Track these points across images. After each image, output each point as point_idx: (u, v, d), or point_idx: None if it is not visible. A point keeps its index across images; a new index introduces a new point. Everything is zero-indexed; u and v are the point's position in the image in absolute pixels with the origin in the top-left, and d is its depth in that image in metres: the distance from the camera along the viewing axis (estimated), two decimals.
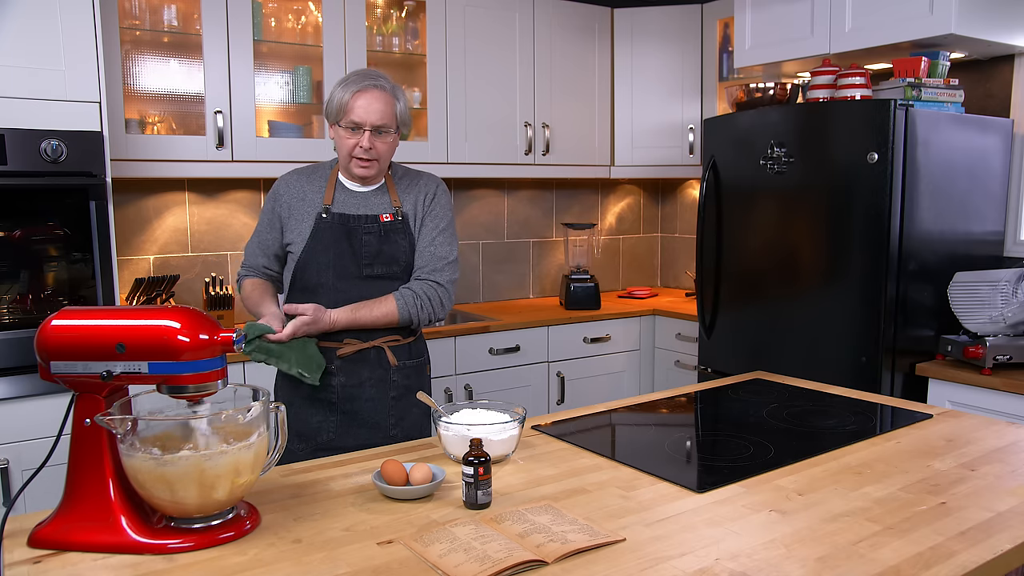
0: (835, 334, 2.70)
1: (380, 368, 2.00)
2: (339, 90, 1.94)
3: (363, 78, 1.94)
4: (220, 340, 1.20)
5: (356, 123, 1.91)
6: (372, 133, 1.92)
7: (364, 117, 1.91)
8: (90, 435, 1.19)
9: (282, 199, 2.04)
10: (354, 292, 1.97)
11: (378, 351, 2.00)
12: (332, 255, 1.96)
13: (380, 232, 1.99)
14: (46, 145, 2.28)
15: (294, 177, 2.07)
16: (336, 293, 1.96)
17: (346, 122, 1.92)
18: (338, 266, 1.97)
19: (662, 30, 3.80)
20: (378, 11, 3.34)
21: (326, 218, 1.98)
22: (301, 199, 2.02)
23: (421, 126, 3.43)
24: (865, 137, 2.57)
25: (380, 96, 1.92)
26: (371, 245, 1.98)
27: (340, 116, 1.93)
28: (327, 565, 1.11)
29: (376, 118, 1.91)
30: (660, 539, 1.19)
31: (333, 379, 1.98)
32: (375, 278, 1.98)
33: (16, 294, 2.37)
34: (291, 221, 2.02)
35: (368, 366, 1.99)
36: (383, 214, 2.00)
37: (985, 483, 1.41)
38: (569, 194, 4.19)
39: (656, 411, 1.98)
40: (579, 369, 3.54)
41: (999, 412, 2.37)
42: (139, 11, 2.82)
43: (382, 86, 1.94)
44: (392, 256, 2.00)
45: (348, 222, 1.98)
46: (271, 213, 2.06)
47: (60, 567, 1.12)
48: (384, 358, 2.00)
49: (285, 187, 2.05)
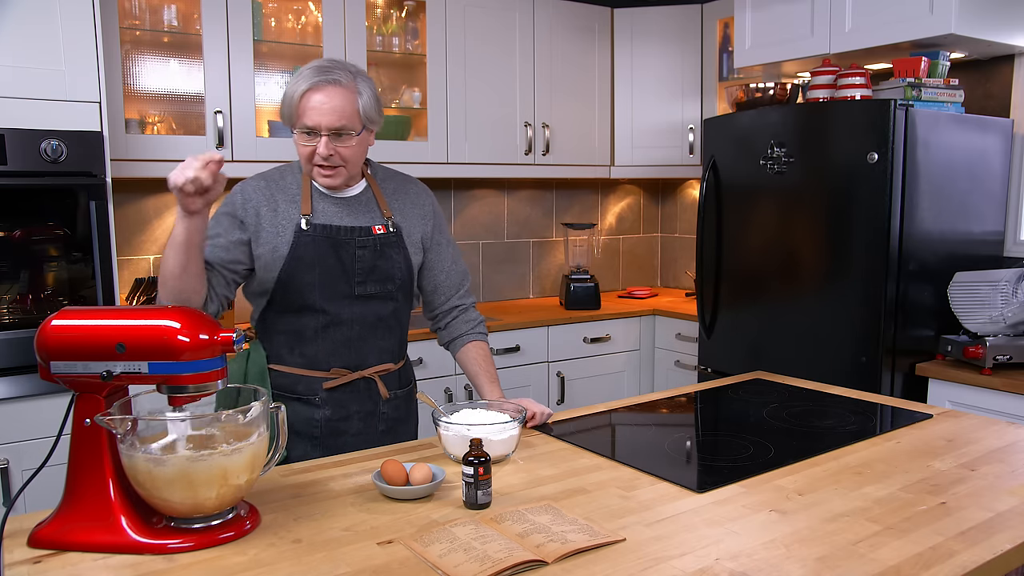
0: (835, 334, 2.70)
1: (370, 401, 1.79)
2: (290, 86, 1.65)
3: (315, 73, 1.63)
4: (220, 340, 1.20)
5: (309, 128, 1.63)
6: (330, 137, 1.64)
7: (317, 120, 1.62)
8: (90, 435, 1.19)
9: (248, 208, 1.71)
10: (345, 313, 1.73)
11: (368, 382, 1.79)
12: (318, 273, 1.70)
13: (375, 246, 1.75)
14: (46, 145, 2.28)
15: (259, 183, 1.75)
16: (324, 317, 1.72)
17: (299, 126, 1.65)
18: (326, 285, 1.71)
19: (662, 30, 3.80)
20: (378, 11, 3.34)
21: (307, 230, 1.70)
22: (272, 209, 1.71)
23: (421, 126, 3.43)
24: (865, 137, 2.56)
25: (336, 93, 1.62)
26: (365, 260, 1.73)
27: (293, 118, 1.66)
28: (327, 565, 1.11)
29: (332, 120, 1.62)
30: (660, 539, 1.19)
31: (317, 412, 1.75)
32: (367, 298, 1.75)
33: (16, 294, 2.37)
34: (261, 235, 1.70)
35: (357, 399, 1.78)
36: (375, 226, 1.76)
37: (985, 483, 1.41)
38: (569, 194, 4.19)
39: (656, 411, 1.98)
40: (579, 369, 3.54)
41: (999, 412, 2.37)
42: (139, 11, 2.82)
43: (337, 80, 1.63)
44: (387, 273, 1.77)
45: (335, 235, 1.71)
46: (231, 220, 1.71)
47: (60, 567, 1.12)
48: (375, 389, 1.79)
49: (251, 193, 1.72)
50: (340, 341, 1.75)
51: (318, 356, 1.75)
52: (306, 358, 1.75)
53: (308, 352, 1.75)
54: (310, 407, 1.75)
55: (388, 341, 1.82)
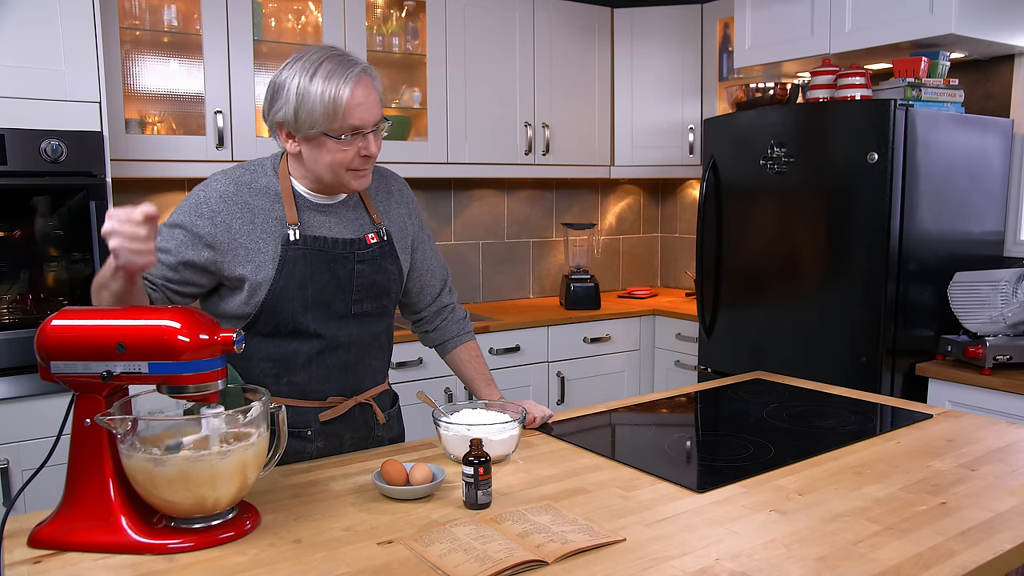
0: (835, 334, 2.70)
1: (364, 426, 1.67)
2: (322, 84, 1.41)
3: (344, 66, 1.44)
4: (220, 340, 1.20)
5: (358, 127, 1.45)
6: (374, 132, 1.49)
7: (365, 117, 1.45)
8: (90, 435, 1.19)
9: (217, 223, 1.48)
10: (342, 335, 1.58)
11: (363, 408, 1.66)
12: (311, 291, 1.52)
13: (374, 259, 1.59)
14: (46, 145, 2.28)
15: (227, 187, 1.51)
16: (319, 341, 1.56)
17: (343, 127, 1.44)
18: (319, 305, 1.53)
19: (662, 30, 3.80)
20: (378, 11, 3.34)
21: (297, 243, 1.50)
22: (249, 221, 1.49)
23: (421, 126, 3.43)
24: (865, 137, 2.56)
25: (369, 84, 1.46)
26: (364, 276, 1.57)
27: (333, 121, 1.43)
28: (327, 565, 1.11)
29: (376, 113, 1.47)
30: (660, 539, 1.19)
31: (308, 446, 1.59)
32: (363, 315, 1.60)
33: (16, 294, 2.37)
34: (238, 254, 1.49)
35: (351, 426, 1.64)
36: (368, 235, 1.60)
37: (985, 483, 1.41)
38: (569, 194, 4.19)
39: (656, 411, 1.98)
40: (579, 369, 3.54)
41: (999, 412, 2.37)
42: (139, 11, 2.82)
43: (363, 68, 1.46)
44: (384, 288, 1.62)
45: (329, 248, 1.53)
46: (188, 237, 1.47)
47: (60, 567, 1.12)
48: (370, 415, 1.67)
49: (218, 203, 1.48)
50: (336, 366, 1.60)
51: (311, 385, 1.58)
52: (296, 387, 1.57)
53: (299, 380, 1.57)
54: (301, 441, 1.58)
55: (381, 361, 1.70)
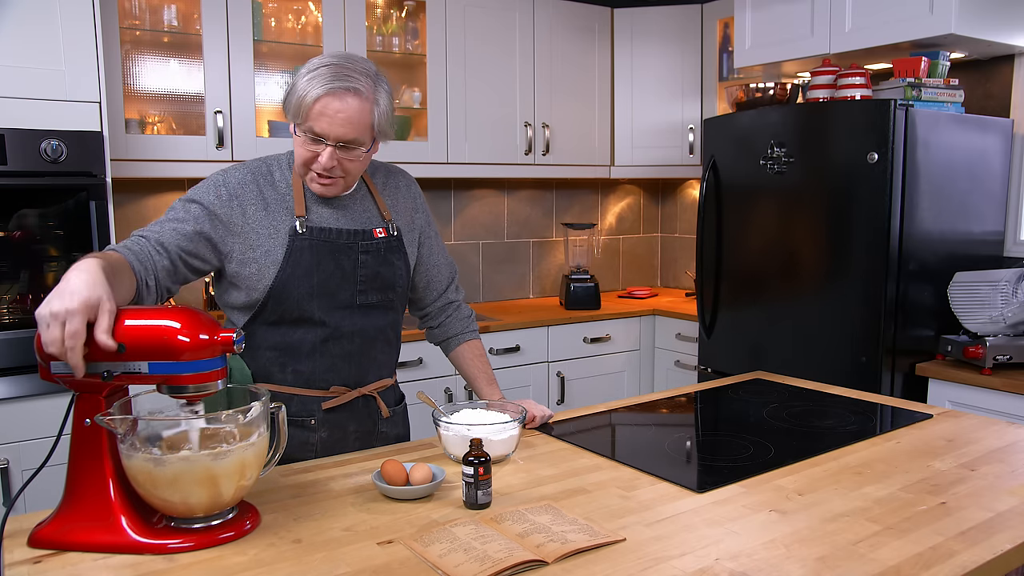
0: (835, 334, 2.70)
1: (368, 419, 1.69)
2: (304, 82, 1.47)
3: (334, 76, 1.46)
4: (220, 340, 1.20)
5: (318, 135, 1.48)
6: (337, 149, 1.49)
7: (327, 129, 1.47)
8: (90, 435, 1.19)
9: (234, 205, 1.54)
10: (346, 325, 1.61)
11: (367, 400, 1.68)
12: (316, 281, 1.56)
13: (379, 251, 1.63)
14: (46, 145, 2.28)
15: (244, 175, 1.58)
16: (323, 330, 1.59)
17: (305, 128, 1.48)
18: (324, 293, 1.57)
19: (662, 30, 3.80)
20: (378, 11, 3.34)
21: (303, 234, 1.56)
22: (263, 208, 1.56)
23: (421, 126, 3.43)
24: (865, 137, 2.57)
25: (354, 104, 1.47)
26: (368, 267, 1.62)
27: (299, 117, 1.48)
28: (327, 565, 1.11)
29: (344, 131, 1.47)
30: (660, 539, 1.19)
31: (312, 435, 1.62)
32: (368, 308, 1.63)
33: (16, 294, 2.37)
34: (251, 236, 1.54)
35: (355, 418, 1.67)
36: (375, 229, 1.64)
37: (985, 483, 1.41)
38: (569, 194, 4.19)
39: (656, 411, 1.98)
40: (579, 369, 3.54)
41: (999, 412, 2.37)
42: (139, 11, 2.82)
43: (357, 89, 1.47)
44: (389, 281, 1.65)
45: (334, 239, 1.58)
46: (204, 213, 1.52)
47: (60, 567, 1.12)
48: (374, 408, 1.69)
49: (237, 188, 1.55)
50: (340, 356, 1.63)
51: (315, 373, 1.62)
52: (301, 375, 1.61)
53: (303, 369, 1.61)
54: (304, 430, 1.62)
55: (387, 355, 1.73)
